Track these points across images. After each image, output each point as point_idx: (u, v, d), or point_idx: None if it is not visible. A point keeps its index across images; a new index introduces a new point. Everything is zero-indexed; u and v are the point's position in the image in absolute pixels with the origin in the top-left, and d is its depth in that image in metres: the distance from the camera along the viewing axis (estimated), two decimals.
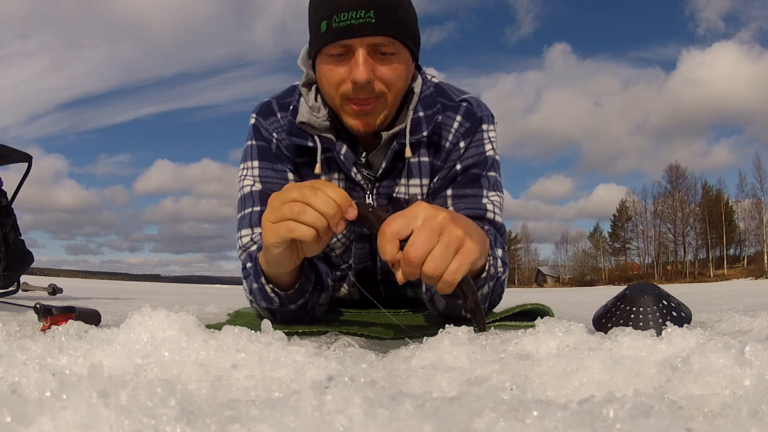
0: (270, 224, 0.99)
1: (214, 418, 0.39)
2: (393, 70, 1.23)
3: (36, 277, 11.52)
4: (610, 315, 1.10)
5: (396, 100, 1.29)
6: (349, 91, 1.24)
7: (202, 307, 2.53)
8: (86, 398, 0.39)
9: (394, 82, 1.24)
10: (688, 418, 0.42)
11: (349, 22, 1.17)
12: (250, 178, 1.41)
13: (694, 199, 57.17)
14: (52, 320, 1.12)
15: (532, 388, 0.59)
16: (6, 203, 3.39)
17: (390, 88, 1.25)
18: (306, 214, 0.94)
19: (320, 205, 0.94)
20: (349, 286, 1.59)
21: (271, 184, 1.40)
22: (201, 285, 37.25)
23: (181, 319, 0.75)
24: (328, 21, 1.19)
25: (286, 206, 0.96)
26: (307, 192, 0.95)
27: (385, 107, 1.27)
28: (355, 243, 1.48)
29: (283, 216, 0.96)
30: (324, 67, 1.26)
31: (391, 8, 1.20)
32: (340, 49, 1.21)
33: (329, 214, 0.94)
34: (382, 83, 1.23)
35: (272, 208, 0.99)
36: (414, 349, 0.82)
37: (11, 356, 0.61)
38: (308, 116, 1.35)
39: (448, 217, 0.94)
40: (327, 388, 0.40)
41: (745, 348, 0.59)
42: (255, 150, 1.43)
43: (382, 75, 1.22)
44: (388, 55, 1.22)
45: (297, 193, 0.95)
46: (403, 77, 1.27)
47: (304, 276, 1.19)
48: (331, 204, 0.94)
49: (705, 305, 3.00)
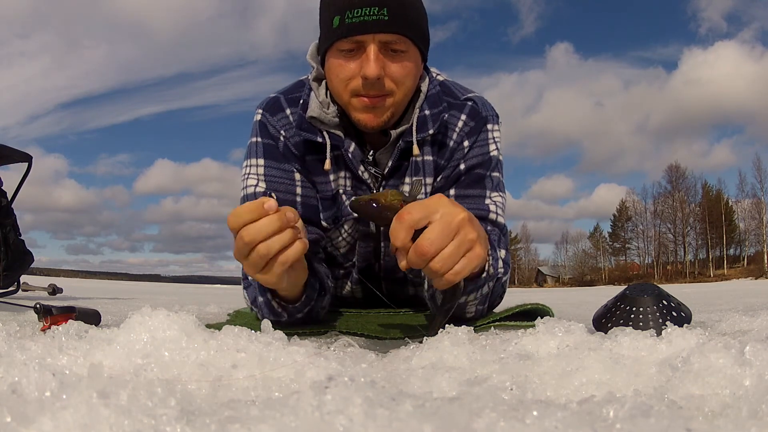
0: (259, 275, 0.99)
1: (214, 418, 0.39)
2: (403, 68, 1.24)
3: (36, 277, 11.53)
4: (610, 315, 1.10)
5: (405, 99, 1.29)
6: (358, 87, 1.24)
7: (202, 307, 2.53)
8: (86, 398, 0.39)
9: (403, 80, 1.25)
10: (688, 418, 0.42)
11: (362, 18, 1.18)
12: (254, 176, 1.38)
13: (694, 199, 57.25)
14: (52, 320, 1.12)
15: (532, 388, 0.59)
16: (6, 203, 3.39)
17: (399, 86, 1.25)
18: (274, 244, 0.94)
19: (265, 229, 0.93)
20: (353, 284, 1.59)
21: (276, 184, 1.38)
22: (201, 285, 37.25)
23: (181, 319, 0.75)
24: (341, 16, 1.20)
25: (251, 258, 0.95)
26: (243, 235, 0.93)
27: (393, 104, 1.27)
28: (360, 242, 1.48)
29: (259, 263, 0.95)
30: (335, 62, 1.26)
31: (404, 7, 1.21)
32: (351, 44, 1.21)
33: (280, 227, 0.93)
34: (392, 81, 1.24)
35: (246, 265, 0.99)
36: (414, 349, 0.82)
37: (11, 356, 0.61)
38: (318, 111, 1.34)
39: (466, 218, 0.95)
40: (327, 388, 0.40)
41: (745, 348, 0.59)
42: (261, 148, 1.40)
43: (391, 72, 1.23)
44: (399, 53, 1.23)
45: (240, 243, 0.94)
46: (413, 76, 1.28)
47: (309, 287, 1.19)
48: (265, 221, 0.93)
49: (705, 305, 3.00)
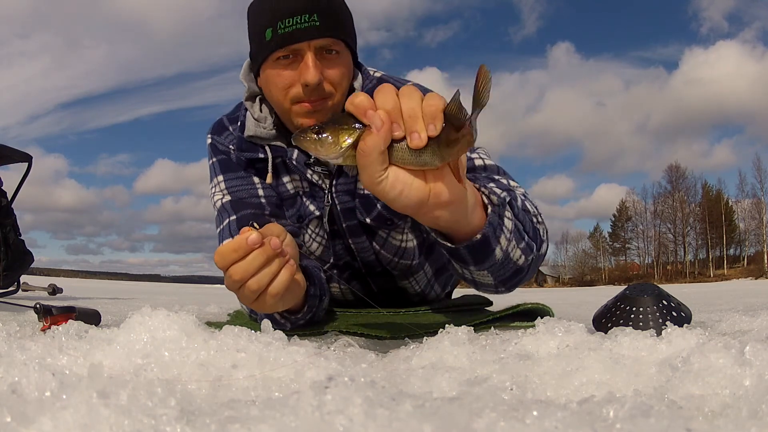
0: (254, 305, 0.98)
1: (214, 418, 0.39)
2: (339, 70, 1.28)
3: (36, 277, 11.52)
4: (610, 315, 1.10)
5: (343, 99, 1.32)
6: (299, 93, 1.27)
7: (202, 307, 2.53)
8: (86, 398, 0.39)
9: (340, 82, 1.29)
10: (688, 418, 0.42)
11: (294, 27, 1.22)
12: (219, 192, 1.46)
13: (694, 199, 57.18)
14: (52, 320, 1.12)
15: (532, 388, 0.59)
16: (6, 203, 3.39)
17: (337, 88, 1.29)
18: (263, 279, 0.92)
19: (252, 266, 0.91)
20: (340, 285, 1.59)
21: (239, 192, 1.45)
22: (201, 285, 37.23)
23: (181, 319, 0.75)
24: (273, 28, 1.23)
25: (244, 293, 0.94)
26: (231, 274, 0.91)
27: (333, 106, 1.31)
28: (331, 240, 1.49)
29: (252, 297, 0.94)
30: (272, 72, 1.29)
31: (333, 11, 1.25)
32: (287, 53, 1.25)
33: (267, 259, 0.91)
34: (330, 83, 1.28)
35: (239, 298, 0.98)
36: (414, 349, 0.82)
37: (11, 356, 0.61)
38: (254, 129, 1.40)
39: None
40: (327, 388, 0.40)
41: (745, 348, 0.59)
42: (217, 165, 1.49)
43: (329, 76, 1.27)
44: (334, 57, 1.27)
45: (229, 281, 0.93)
46: (348, 76, 1.33)
47: (310, 297, 1.19)
48: (250, 258, 0.91)
49: (705, 305, 3.00)
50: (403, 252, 1.51)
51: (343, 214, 1.43)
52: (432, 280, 1.66)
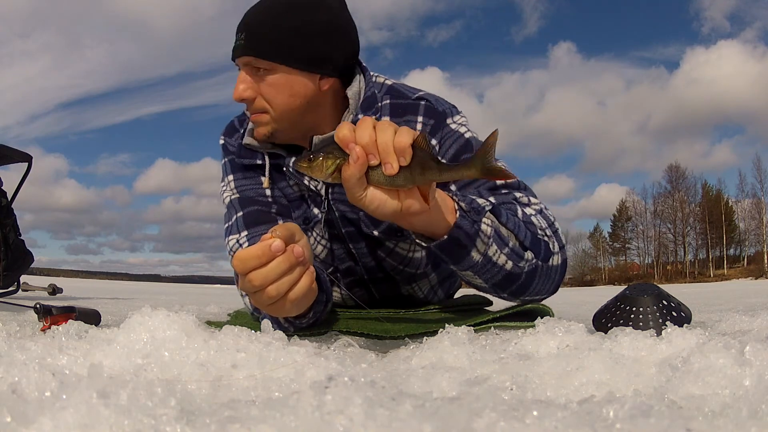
0: (269, 309, 0.99)
1: (214, 418, 0.39)
2: (269, 86, 1.31)
3: (36, 277, 11.53)
4: (610, 315, 1.10)
5: (285, 114, 1.34)
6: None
7: (202, 307, 2.53)
8: (86, 398, 0.39)
9: (273, 98, 1.32)
10: (688, 418, 0.41)
11: (234, 44, 1.31)
12: (228, 191, 1.52)
13: (694, 199, 57.15)
14: (52, 320, 1.12)
15: (532, 388, 0.59)
16: (6, 203, 3.39)
17: (271, 103, 1.32)
18: (283, 286, 0.92)
19: (274, 274, 0.91)
20: (342, 291, 1.60)
21: (247, 190, 1.49)
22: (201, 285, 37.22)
23: (181, 319, 0.75)
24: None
25: (260, 298, 0.94)
26: (251, 279, 0.91)
27: (271, 120, 1.35)
28: (332, 244, 1.49)
29: (268, 302, 0.94)
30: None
31: (262, 30, 1.28)
32: (238, 66, 1.33)
33: (290, 267, 0.92)
34: (263, 99, 1.32)
35: (254, 301, 0.98)
36: (414, 349, 0.82)
37: (11, 356, 0.61)
38: (249, 139, 1.44)
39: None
40: (327, 388, 0.40)
41: (745, 348, 0.59)
42: (227, 165, 1.54)
43: (261, 91, 1.32)
44: (264, 73, 1.30)
45: (248, 285, 0.93)
46: (285, 93, 1.33)
47: (317, 303, 1.19)
48: (273, 265, 0.91)
49: (705, 305, 3.01)
50: (409, 261, 1.52)
51: (341, 220, 1.44)
52: (436, 286, 1.66)
